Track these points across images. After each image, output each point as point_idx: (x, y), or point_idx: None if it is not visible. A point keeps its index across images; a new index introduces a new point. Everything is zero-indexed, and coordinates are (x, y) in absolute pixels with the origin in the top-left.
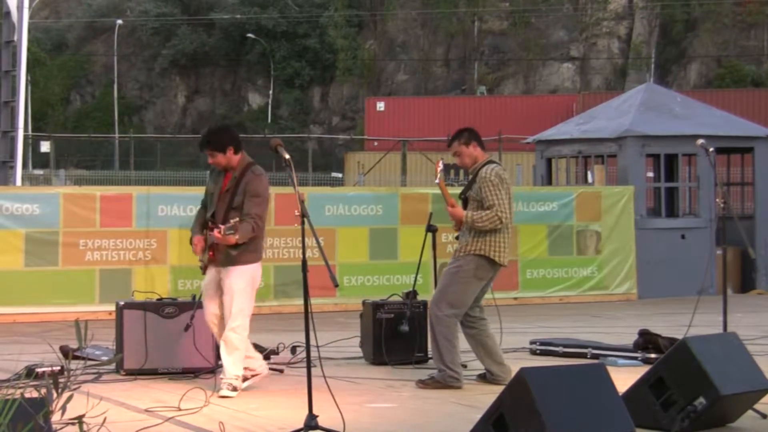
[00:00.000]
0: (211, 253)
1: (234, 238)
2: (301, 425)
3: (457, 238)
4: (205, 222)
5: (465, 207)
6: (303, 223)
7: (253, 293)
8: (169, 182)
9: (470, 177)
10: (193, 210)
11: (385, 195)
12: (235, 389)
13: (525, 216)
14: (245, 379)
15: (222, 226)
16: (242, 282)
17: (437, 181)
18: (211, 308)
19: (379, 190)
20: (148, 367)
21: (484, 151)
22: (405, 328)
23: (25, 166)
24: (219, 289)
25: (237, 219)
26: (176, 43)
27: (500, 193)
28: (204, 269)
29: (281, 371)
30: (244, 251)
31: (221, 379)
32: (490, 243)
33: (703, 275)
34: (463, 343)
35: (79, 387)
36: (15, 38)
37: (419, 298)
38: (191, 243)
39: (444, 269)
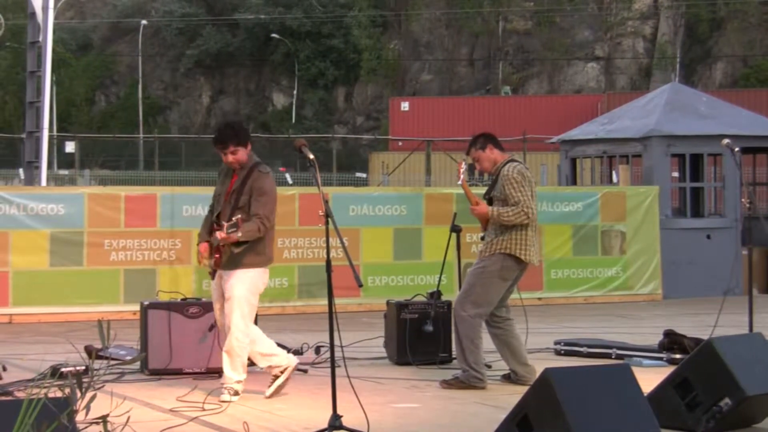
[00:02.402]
0: (217, 255)
1: (236, 235)
2: (325, 425)
3: (482, 238)
4: (211, 226)
5: None
6: (327, 223)
7: (254, 299)
8: (194, 182)
9: (493, 178)
10: None
11: (410, 195)
12: (236, 393)
13: (550, 216)
14: (276, 377)
15: (225, 224)
16: (243, 288)
17: (460, 182)
18: (217, 313)
19: (404, 190)
20: (172, 367)
21: (502, 152)
22: (429, 328)
23: (50, 166)
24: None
25: (239, 216)
26: (201, 44)
27: (524, 189)
28: (213, 274)
29: (305, 371)
30: (248, 253)
31: (222, 384)
32: (516, 241)
33: (729, 275)
34: (488, 343)
35: (102, 386)
36: (40, 39)
37: (443, 298)
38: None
39: (469, 269)
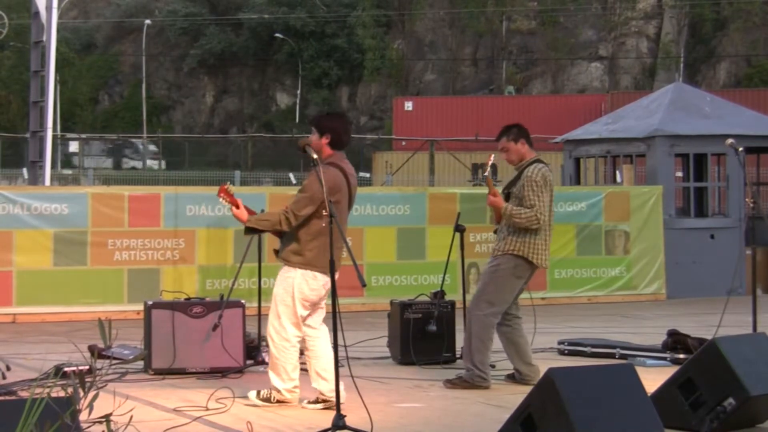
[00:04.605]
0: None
1: (244, 217)
2: (329, 425)
3: (495, 232)
4: None
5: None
6: (331, 222)
7: (291, 300)
8: (197, 182)
9: (516, 174)
10: (221, 210)
11: (413, 195)
12: (266, 399)
13: (553, 216)
14: (317, 401)
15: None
16: (279, 287)
17: (485, 174)
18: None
19: (407, 190)
20: (176, 367)
21: (531, 149)
22: (433, 328)
23: (53, 166)
24: None
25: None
26: (204, 43)
27: (542, 195)
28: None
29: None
30: (285, 249)
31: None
32: (528, 244)
33: (733, 275)
34: (495, 342)
35: (105, 386)
36: (44, 38)
37: (447, 298)
38: None
39: (483, 269)
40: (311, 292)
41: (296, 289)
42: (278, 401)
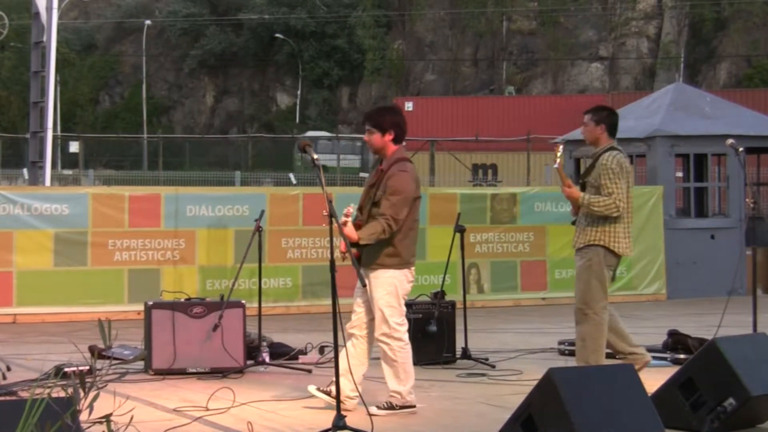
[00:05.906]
0: (355, 251)
1: (355, 235)
2: (329, 425)
3: (573, 223)
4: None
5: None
6: (331, 223)
7: (395, 300)
8: (198, 182)
9: (591, 162)
10: (221, 210)
11: None
12: (391, 407)
13: (554, 216)
14: (327, 393)
15: (349, 219)
16: (382, 290)
17: (556, 166)
18: (356, 309)
19: None
20: (176, 367)
21: (611, 138)
22: (433, 328)
23: (54, 166)
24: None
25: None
26: (205, 44)
27: (620, 182)
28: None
29: (309, 371)
30: (379, 253)
31: (390, 395)
32: (608, 233)
33: (733, 275)
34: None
35: (105, 386)
36: (44, 39)
37: (447, 298)
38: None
39: (576, 269)
40: (409, 285)
41: (400, 289)
42: (401, 407)
